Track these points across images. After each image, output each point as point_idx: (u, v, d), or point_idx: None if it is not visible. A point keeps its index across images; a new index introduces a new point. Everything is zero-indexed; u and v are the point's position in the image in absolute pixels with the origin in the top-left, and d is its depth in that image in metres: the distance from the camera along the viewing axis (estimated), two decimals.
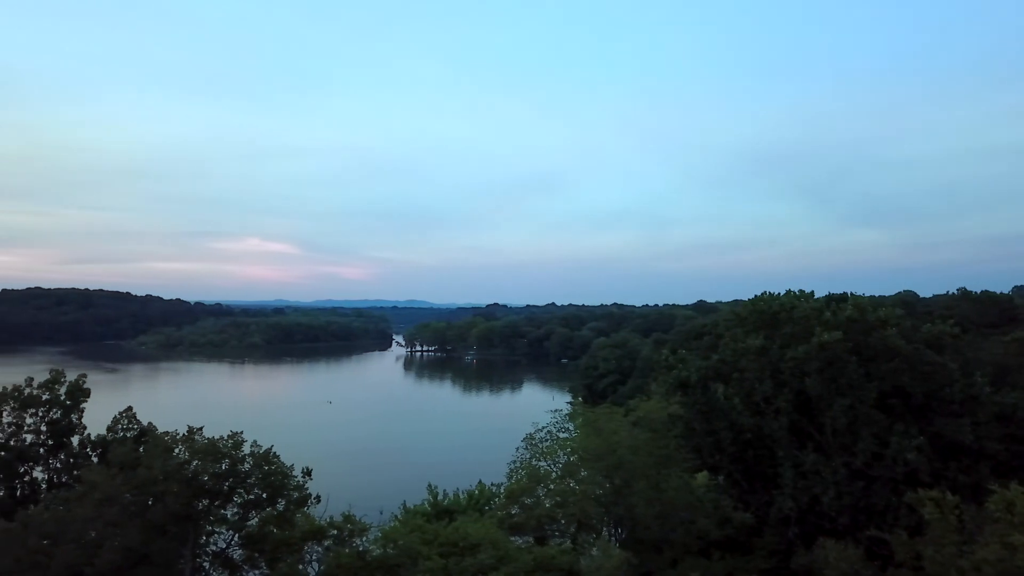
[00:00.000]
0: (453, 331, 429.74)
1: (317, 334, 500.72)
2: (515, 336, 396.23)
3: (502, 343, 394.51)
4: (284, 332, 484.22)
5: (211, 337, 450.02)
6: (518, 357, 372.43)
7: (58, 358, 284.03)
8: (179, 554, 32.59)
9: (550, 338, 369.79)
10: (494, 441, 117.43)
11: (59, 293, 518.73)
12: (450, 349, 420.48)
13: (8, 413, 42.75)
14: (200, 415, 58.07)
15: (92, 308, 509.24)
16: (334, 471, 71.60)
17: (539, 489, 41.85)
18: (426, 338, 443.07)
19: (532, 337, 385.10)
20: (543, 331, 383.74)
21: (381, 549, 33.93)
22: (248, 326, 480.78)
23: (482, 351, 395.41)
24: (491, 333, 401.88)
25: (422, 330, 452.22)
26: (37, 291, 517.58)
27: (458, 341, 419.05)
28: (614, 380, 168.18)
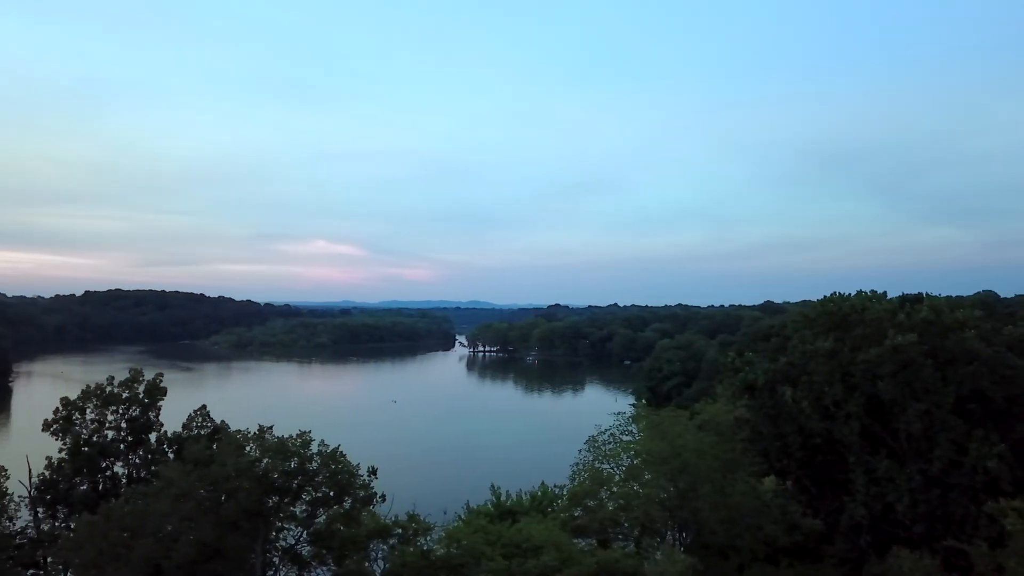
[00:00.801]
0: (515, 332, 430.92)
1: (382, 334, 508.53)
2: (577, 337, 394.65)
3: (564, 344, 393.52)
4: (350, 332, 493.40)
5: (280, 337, 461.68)
6: (580, 358, 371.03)
7: (137, 357, 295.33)
8: (251, 549, 33.50)
9: (613, 339, 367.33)
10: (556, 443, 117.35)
11: (138, 295, 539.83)
12: (512, 350, 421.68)
13: (91, 410, 44.72)
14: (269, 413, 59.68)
15: (169, 309, 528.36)
16: (399, 470, 72.59)
17: (602, 492, 41.63)
18: (488, 339, 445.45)
19: (594, 338, 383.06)
20: (605, 332, 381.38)
21: (445, 549, 34.24)
22: (316, 326, 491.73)
23: (544, 352, 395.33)
24: (553, 334, 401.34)
25: (484, 331, 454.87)
26: (118, 293, 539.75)
27: (520, 342, 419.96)
28: (679, 382, 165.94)
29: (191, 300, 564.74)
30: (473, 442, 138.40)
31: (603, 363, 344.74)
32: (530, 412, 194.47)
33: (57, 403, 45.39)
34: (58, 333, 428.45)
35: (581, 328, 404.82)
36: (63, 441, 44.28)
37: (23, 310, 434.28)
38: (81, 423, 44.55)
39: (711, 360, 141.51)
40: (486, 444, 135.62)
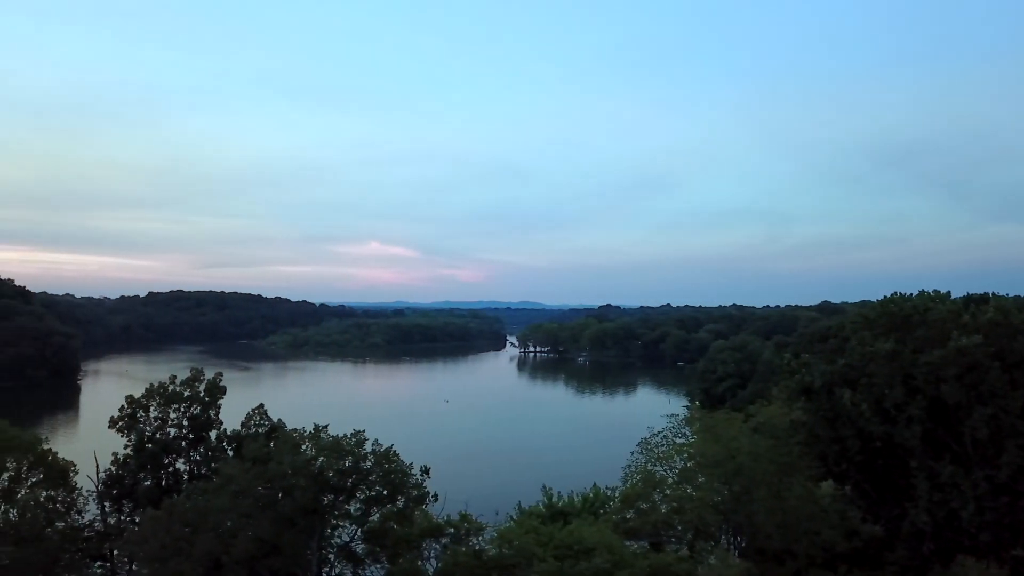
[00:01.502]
0: (565, 332, 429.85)
1: (435, 334, 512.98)
2: (629, 338, 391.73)
3: (615, 345, 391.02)
4: (403, 332, 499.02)
5: (335, 337, 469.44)
6: (632, 359, 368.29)
7: (197, 357, 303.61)
8: (307, 546, 34.16)
9: (665, 340, 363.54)
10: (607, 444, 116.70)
11: (198, 296, 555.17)
12: (563, 350, 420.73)
13: (155, 408, 46.11)
14: (324, 413, 60.68)
15: (227, 310, 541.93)
16: (450, 470, 73.10)
17: (655, 494, 41.31)
18: (539, 339, 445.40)
19: (646, 339, 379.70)
20: (658, 333, 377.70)
21: (497, 549, 34.38)
22: (369, 327, 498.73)
23: (595, 353, 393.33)
24: (604, 335, 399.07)
25: (535, 331, 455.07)
26: (179, 294, 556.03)
27: (571, 342, 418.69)
28: (733, 384, 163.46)
29: (249, 301, 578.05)
30: (524, 443, 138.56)
31: (656, 364, 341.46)
32: (581, 413, 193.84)
33: (122, 401, 46.94)
34: (123, 333, 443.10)
35: (633, 329, 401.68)
36: (128, 438, 45.75)
37: (91, 311, 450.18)
38: (145, 421, 45.96)
39: (766, 362, 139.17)
40: (537, 445, 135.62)
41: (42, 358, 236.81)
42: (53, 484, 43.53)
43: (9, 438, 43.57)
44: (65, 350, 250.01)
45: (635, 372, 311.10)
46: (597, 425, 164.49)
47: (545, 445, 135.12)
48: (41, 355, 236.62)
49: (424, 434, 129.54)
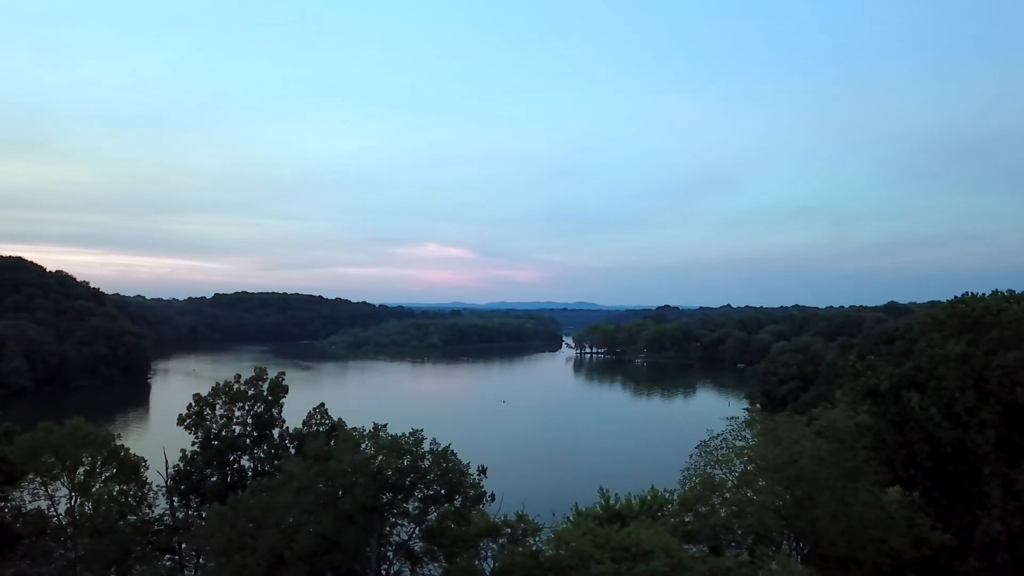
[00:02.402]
0: (623, 333, 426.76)
1: (491, 335, 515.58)
2: (688, 339, 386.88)
3: (674, 346, 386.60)
4: (460, 333, 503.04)
5: (394, 337, 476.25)
6: (691, 361, 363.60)
7: (261, 356, 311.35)
8: (366, 543, 34.64)
9: (725, 341, 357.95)
10: (665, 446, 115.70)
11: (262, 297, 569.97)
12: (619, 352, 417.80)
13: (220, 406, 47.51)
14: (383, 411, 61.56)
15: (290, 310, 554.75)
16: (507, 470, 73.29)
17: (714, 497, 40.68)
18: (595, 340, 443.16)
19: (706, 340, 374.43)
20: (718, 334, 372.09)
21: (553, 550, 34.29)
22: (427, 327, 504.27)
23: (653, 354, 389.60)
24: (662, 336, 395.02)
25: (591, 332, 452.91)
26: (243, 295, 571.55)
27: (628, 344, 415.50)
28: (795, 387, 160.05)
29: (310, 302, 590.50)
30: (581, 444, 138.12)
31: (715, 366, 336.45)
32: (638, 415, 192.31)
33: (190, 399, 48.48)
34: (191, 333, 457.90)
35: (692, 330, 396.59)
36: (195, 435, 47.23)
37: (160, 312, 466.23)
38: (211, 418, 47.38)
39: (830, 364, 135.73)
40: (594, 446, 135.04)
41: (115, 357, 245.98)
42: (125, 479, 45.21)
43: (84, 434, 45.39)
44: (136, 350, 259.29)
45: (694, 374, 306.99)
46: (654, 427, 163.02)
47: (602, 447, 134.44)
48: (114, 354, 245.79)
49: (481, 434, 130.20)
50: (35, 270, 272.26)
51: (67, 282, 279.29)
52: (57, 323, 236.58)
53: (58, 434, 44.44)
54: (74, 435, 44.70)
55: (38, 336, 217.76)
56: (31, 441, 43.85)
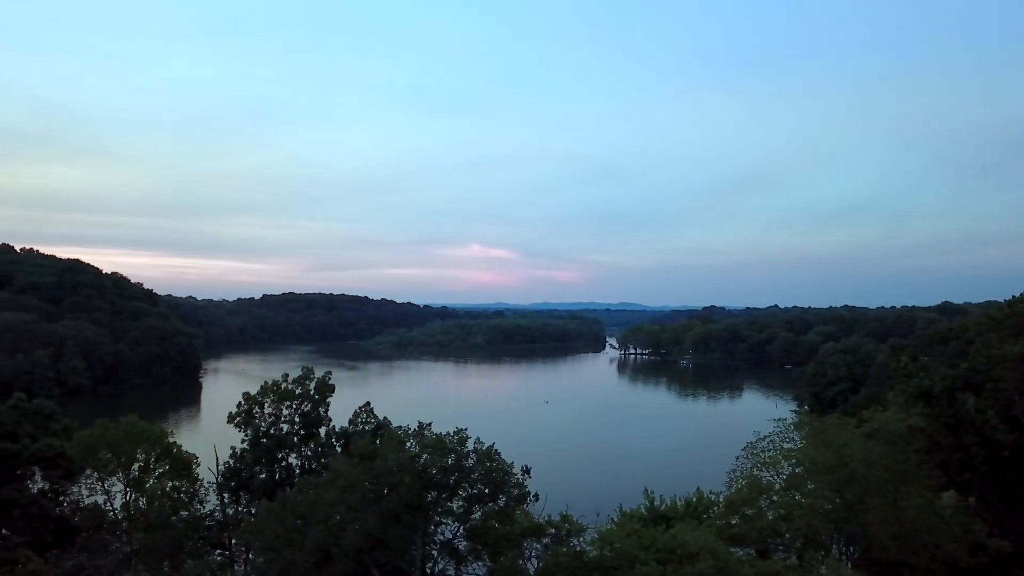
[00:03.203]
0: (667, 334, 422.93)
1: (534, 335, 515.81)
2: (734, 340, 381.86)
3: (720, 347, 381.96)
4: (504, 333, 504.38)
5: (438, 337, 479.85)
6: (737, 362, 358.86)
7: (308, 356, 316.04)
8: (411, 541, 34.95)
9: (772, 342, 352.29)
10: (711, 448, 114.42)
11: (309, 298, 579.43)
12: (664, 353, 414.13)
13: (269, 405, 48.42)
14: (428, 411, 61.99)
15: (336, 311, 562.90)
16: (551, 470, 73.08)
17: (761, 500, 40.05)
18: (639, 341, 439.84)
19: (753, 341, 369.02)
20: (765, 335, 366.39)
21: (598, 551, 34.18)
22: (471, 327, 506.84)
23: (698, 355, 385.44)
24: (708, 336, 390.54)
25: (635, 333, 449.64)
26: (291, 296, 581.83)
27: (673, 344, 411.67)
28: (845, 388, 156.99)
29: (356, 302, 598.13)
30: (625, 445, 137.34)
31: (762, 367, 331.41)
32: (684, 416, 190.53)
33: (239, 398, 49.49)
34: (240, 333, 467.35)
35: (738, 330, 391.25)
36: (245, 433, 48.21)
37: (211, 312, 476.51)
38: (260, 417, 48.33)
39: (881, 365, 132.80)
40: (638, 447, 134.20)
41: (167, 357, 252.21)
42: (178, 475, 46.45)
43: (139, 431, 46.74)
44: (188, 349, 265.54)
45: (740, 375, 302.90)
46: (700, 428, 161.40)
47: (646, 448, 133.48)
48: (166, 354, 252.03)
49: (524, 434, 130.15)
50: (92, 272, 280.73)
51: (122, 283, 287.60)
52: (113, 323, 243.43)
53: (114, 431, 45.83)
54: (129, 432, 46.06)
55: (95, 336, 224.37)
56: (88, 438, 45.32)
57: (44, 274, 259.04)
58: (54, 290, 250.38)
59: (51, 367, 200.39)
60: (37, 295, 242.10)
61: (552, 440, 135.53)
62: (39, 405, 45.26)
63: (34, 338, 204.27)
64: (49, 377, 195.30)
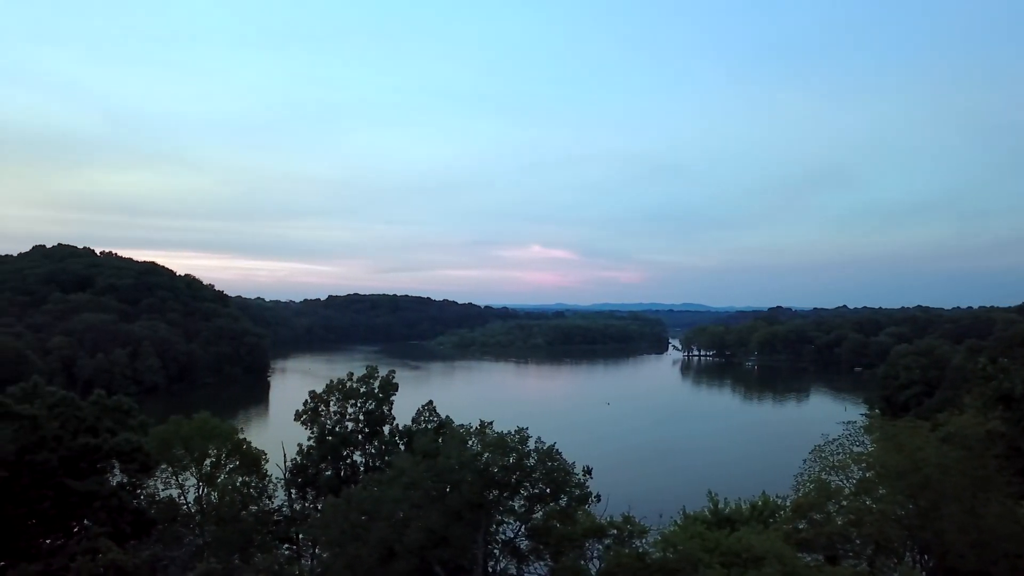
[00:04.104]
0: (732, 335, 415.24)
1: (595, 336, 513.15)
2: (801, 341, 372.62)
3: (786, 348, 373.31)
4: (564, 334, 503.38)
5: (499, 338, 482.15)
6: (804, 364, 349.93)
7: (372, 356, 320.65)
8: (473, 539, 35.17)
9: (841, 344, 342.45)
10: (777, 451, 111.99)
11: (373, 299, 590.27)
12: (729, 354, 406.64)
13: (334, 403, 49.38)
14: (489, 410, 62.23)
15: (399, 312, 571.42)
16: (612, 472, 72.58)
17: (830, 505, 39.06)
18: (703, 342, 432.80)
19: (821, 342, 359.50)
20: (833, 336, 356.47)
21: (661, 553, 33.84)
22: (531, 328, 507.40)
23: (764, 357, 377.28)
24: (774, 338, 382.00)
25: (699, 334, 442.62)
26: (355, 297, 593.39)
27: (737, 346, 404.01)
28: (918, 391, 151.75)
29: (418, 303, 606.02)
30: (688, 447, 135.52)
31: (830, 369, 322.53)
32: (748, 419, 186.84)
33: (306, 396, 50.62)
34: (306, 333, 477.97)
35: (806, 331, 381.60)
36: (311, 430, 49.28)
37: (279, 313, 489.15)
38: (326, 415, 49.35)
39: (957, 367, 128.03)
40: (702, 450, 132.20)
41: (237, 356, 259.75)
42: (247, 471, 47.79)
43: (211, 428, 48.29)
44: (257, 349, 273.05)
45: (808, 377, 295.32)
46: (766, 432, 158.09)
47: (710, 450, 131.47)
48: (236, 354, 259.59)
49: (585, 435, 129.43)
50: (166, 274, 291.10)
51: (195, 285, 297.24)
52: (186, 324, 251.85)
53: (187, 428, 47.48)
54: (201, 429, 47.64)
55: (169, 336, 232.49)
56: (164, 433, 47.04)
57: (122, 276, 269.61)
58: (131, 292, 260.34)
59: (129, 366, 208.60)
60: (116, 297, 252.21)
61: (614, 441, 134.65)
62: (118, 401, 47.01)
63: (113, 338, 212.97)
64: (127, 375, 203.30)
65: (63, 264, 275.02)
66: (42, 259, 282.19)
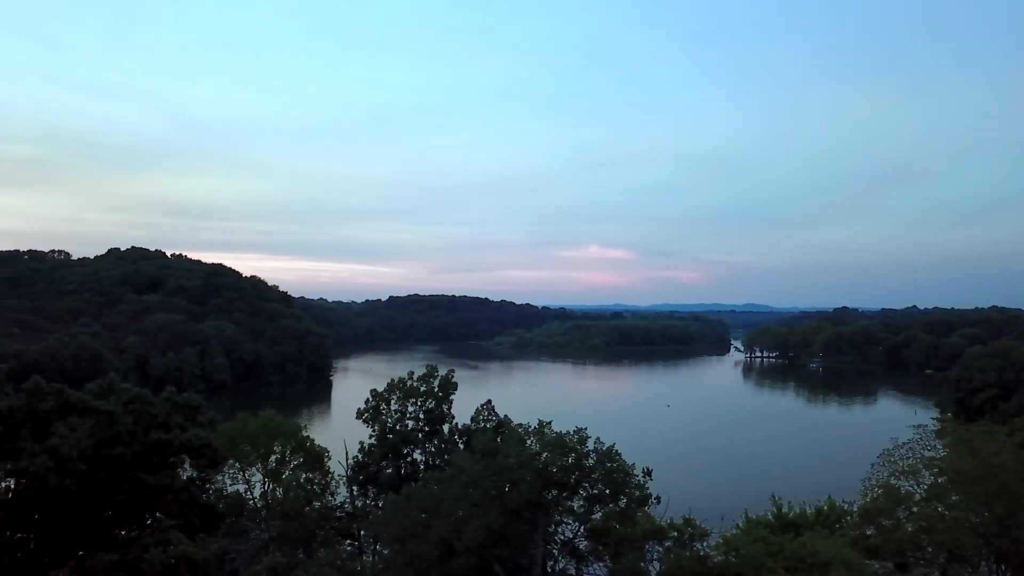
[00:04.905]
0: (795, 336, 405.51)
1: (654, 337, 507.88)
2: (868, 343, 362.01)
3: (852, 350, 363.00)
4: (622, 335, 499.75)
5: (556, 339, 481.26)
6: (871, 366, 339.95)
7: (431, 355, 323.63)
8: (532, 539, 35.21)
9: (911, 345, 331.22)
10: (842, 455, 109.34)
11: (432, 299, 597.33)
12: (792, 356, 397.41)
13: (395, 402, 50.05)
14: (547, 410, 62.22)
15: (458, 312, 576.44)
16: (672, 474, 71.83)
17: (899, 511, 37.86)
18: (766, 343, 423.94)
19: (888, 344, 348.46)
20: (902, 337, 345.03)
21: (723, 556, 33.34)
22: (589, 329, 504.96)
23: (829, 358, 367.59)
24: (839, 339, 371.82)
25: (761, 335, 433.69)
26: (416, 298, 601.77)
27: (801, 347, 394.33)
28: (993, 395, 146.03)
29: (476, 304, 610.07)
30: (750, 450, 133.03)
31: (899, 372, 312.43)
32: (813, 422, 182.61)
33: (367, 395, 51.43)
34: (368, 333, 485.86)
35: (873, 332, 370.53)
36: (372, 428, 50.03)
37: (340, 313, 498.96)
38: (387, 413, 50.04)
39: None
40: (765, 453, 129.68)
41: (301, 356, 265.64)
42: (311, 467, 48.77)
43: (276, 425, 49.44)
44: (320, 349, 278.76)
45: (875, 380, 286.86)
46: (831, 435, 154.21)
47: (773, 453, 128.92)
48: (300, 353, 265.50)
49: (645, 436, 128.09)
50: (233, 275, 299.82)
51: (260, 286, 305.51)
52: (252, 324, 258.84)
53: (253, 425, 48.71)
54: (267, 426, 48.81)
55: (236, 336, 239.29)
56: (231, 430, 48.36)
57: (191, 278, 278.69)
58: (200, 293, 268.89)
59: (198, 364, 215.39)
60: (185, 297, 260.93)
61: (674, 443, 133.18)
62: (188, 398, 48.53)
63: (183, 337, 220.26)
64: (196, 374, 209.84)
65: (136, 266, 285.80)
66: (117, 261, 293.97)
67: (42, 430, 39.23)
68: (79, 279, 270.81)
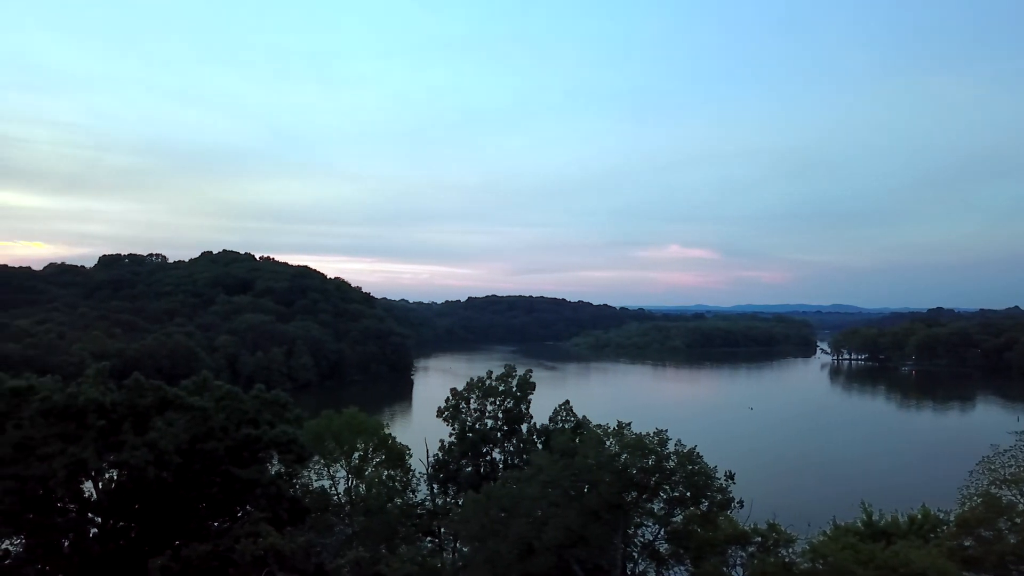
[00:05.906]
0: (886, 338, 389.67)
1: (736, 339, 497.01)
2: (965, 345, 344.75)
3: (948, 353, 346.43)
4: (703, 336, 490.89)
5: (635, 340, 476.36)
6: (968, 369, 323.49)
7: (509, 356, 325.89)
8: (611, 540, 34.99)
9: (1012, 348, 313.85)
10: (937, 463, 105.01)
11: (510, 300, 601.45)
12: (883, 358, 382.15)
13: (474, 400, 50.52)
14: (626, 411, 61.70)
15: (535, 313, 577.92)
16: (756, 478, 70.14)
17: (1000, 521, 35.97)
18: (854, 345, 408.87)
19: (988, 346, 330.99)
20: (1003, 339, 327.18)
21: (809, 563, 32.38)
22: (669, 330, 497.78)
23: (922, 361, 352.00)
24: (934, 341, 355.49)
25: (850, 337, 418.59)
26: (494, 298, 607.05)
27: (893, 350, 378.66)
28: None
29: (554, 304, 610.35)
30: (838, 456, 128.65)
31: (999, 376, 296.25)
32: (905, 428, 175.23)
33: (447, 394, 52.08)
34: (447, 334, 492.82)
35: (970, 334, 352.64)
36: (452, 427, 50.59)
37: (421, 314, 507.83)
38: (466, 412, 50.51)
39: None
40: (852, 458, 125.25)
41: (383, 355, 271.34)
42: (392, 465, 49.70)
43: (359, 423, 50.63)
44: (401, 349, 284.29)
45: (973, 384, 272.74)
46: (924, 441, 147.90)
47: (862, 459, 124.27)
48: (382, 353, 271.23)
49: (727, 439, 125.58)
50: (318, 277, 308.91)
51: (344, 288, 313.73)
52: (336, 324, 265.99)
53: (337, 422, 50.00)
54: (350, 423, 50.04)
55: (321, 336, 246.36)
56: (316, 427, 49.80)
57: (278, 279, 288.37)
58: (286, 294, 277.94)
59: (285, 363, 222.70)
60: (273, 298, 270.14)
61: (757, 447, 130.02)
62: (276, 396, 50.29)
63: (271, 337, 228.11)
64: (283, 372, 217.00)
65: (228, 268, 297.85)
66: (209, 264, 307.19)
67: (142, 424, 41.35)
68: (175, 281, 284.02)
